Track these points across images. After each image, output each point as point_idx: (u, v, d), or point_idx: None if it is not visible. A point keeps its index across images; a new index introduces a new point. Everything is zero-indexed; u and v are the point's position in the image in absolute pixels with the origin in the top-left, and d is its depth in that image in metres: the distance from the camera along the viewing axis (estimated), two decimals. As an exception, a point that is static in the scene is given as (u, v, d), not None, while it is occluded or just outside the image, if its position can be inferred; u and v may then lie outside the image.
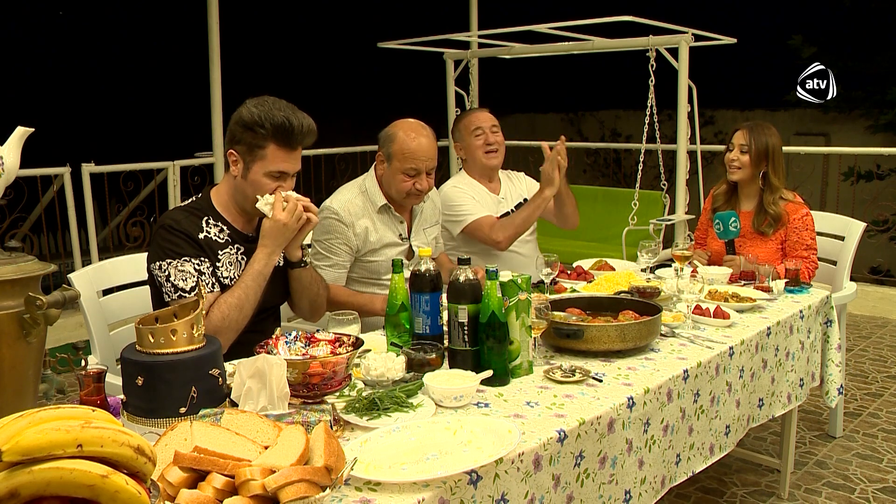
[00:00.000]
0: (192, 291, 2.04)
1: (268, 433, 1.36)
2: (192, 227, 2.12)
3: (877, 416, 3.59)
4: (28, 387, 1.43)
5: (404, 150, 2.59)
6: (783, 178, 3.11)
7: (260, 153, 2.08)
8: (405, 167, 2.59)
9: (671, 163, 5.13)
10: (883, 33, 10.93)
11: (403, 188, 2.62)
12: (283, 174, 2.11)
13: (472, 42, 5.90)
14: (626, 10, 4.44)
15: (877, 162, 9.07)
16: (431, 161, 2.63)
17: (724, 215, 3.01)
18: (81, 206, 5.01)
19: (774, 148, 3.07)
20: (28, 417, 1.06)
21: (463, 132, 3.16)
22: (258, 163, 2.09)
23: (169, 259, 2.06)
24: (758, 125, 3.12)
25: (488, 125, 3.14)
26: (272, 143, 2.07)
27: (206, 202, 2.20)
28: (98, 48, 11.98)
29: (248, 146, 2.09)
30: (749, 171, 3.08)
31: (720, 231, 3.01)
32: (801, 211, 3.08)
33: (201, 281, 2.06)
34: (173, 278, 2.05)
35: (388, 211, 2.70)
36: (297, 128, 2.07)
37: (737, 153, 3.09)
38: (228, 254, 2.16)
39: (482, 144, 3.13)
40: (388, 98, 13.50)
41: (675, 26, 4.66)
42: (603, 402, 1.74)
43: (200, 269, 2.08)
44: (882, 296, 5.34)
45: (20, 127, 1.54)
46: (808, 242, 3.06)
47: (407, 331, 2.02)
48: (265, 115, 2.06)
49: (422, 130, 2.64)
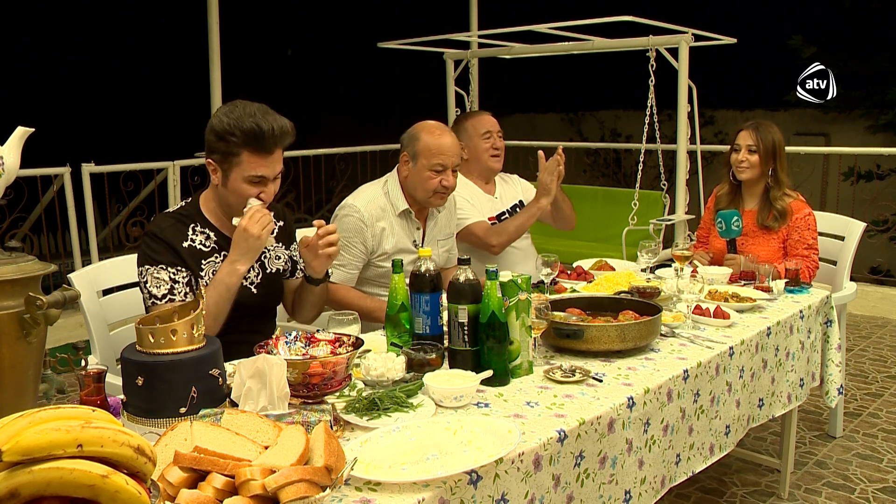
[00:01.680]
0: (162, 299, 2.06)
1: (268, 433, 1.36)
2: (177, 235, 2.13)
3: (877, 416, 3.59)
4: (28, 387, 1.43)
5: (430, 147, 2.63)
6: (788, 173, 3.14)
7: (235, 160, 2.06)
8: (432, 163, 2.62)
9: (671, 163, 5.13)
10: (883, 33, 10.92)
11: (431, 186, 2.64)
12: (262, 178, 2.09)
13: (472, 42, 5.89)
14: (626, 10, 4.44)
15: (877, 162, 9.08)
16: (457, 157, 2.68)
17: (726, 214, 3.02)
18: (81, 206, 5.01)
19: (780, 144, 3.11)
20: (28, 417, 1.06)
21: (471, 133, 3.16)
22: (235, 170, 2.08)
23: (147, 265, 2.10)
24: (761, 124, 3.14)
25: (496, 130, 3.18)
26: (245, 151, 2.05)
27: (195, 208, 2.21)
28: (98, 48, 11.97)
29: (222, 155, 2.08)
30: (758, 171, 3.10)
31: (722, 230, 3.02)
32: (804, 210, 3.10)
33: (174, 290, 2.08)
34: (149, 284, 2.09)
35: (407, 216, 2.72)
36: (267, 132, 2.03)
37: (745, 154, 3.10)
38: (213, 262, 2.17)
39: (490, 148, 3.15)
40: (388, 98, 13.49)
41: (675, 26, 4.66)
42: (603, 402, 1.74)
43: (175, 279, 2.09)
44: (882, 296, 5.34)
45: (20, 127, 1.54)
46: (809, 242, 3.06)
47: (407, 331, 2.02)
48: (234, 124, 2.03)
49: (445, 129, 2.71)
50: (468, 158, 3.19)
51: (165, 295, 2.07)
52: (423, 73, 8.47)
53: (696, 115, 4.90)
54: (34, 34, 11.45)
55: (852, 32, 11.37)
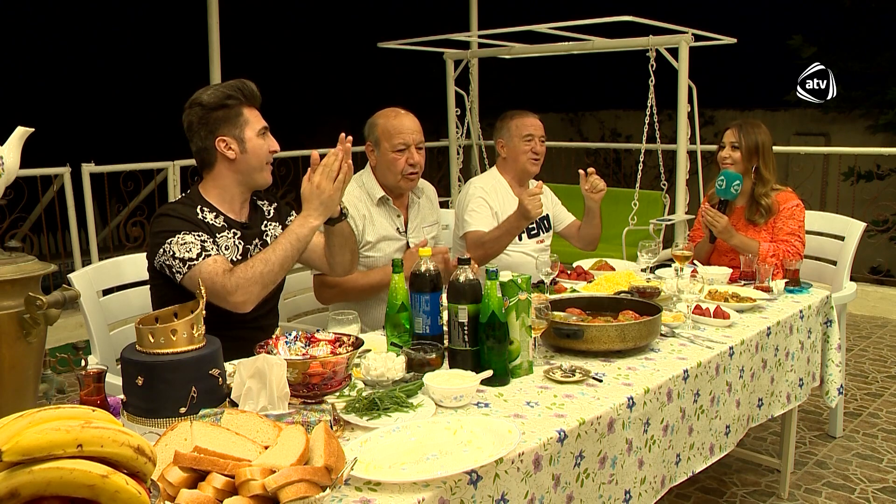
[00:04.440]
0: (199, 258, 2.04)
1: (268, 433, 1.36)
2: (188, 213, 2.16)
3: (877, 416, 3.59)
4: (28, 387, 1.43)
5: (389, 129, 2.67)
6: (773, 171, 3.18)
7: (242, 120, 2.17)
8: (394, 144, 2.65)
9: (671, 163, 5.13)
10: (883, 33, 10.93)
11: (398, 167, 2.66)
12: (266, 128, 2.21)
13: (472, 42, 5.90)
14: (626, 10, 4.45)
15: (877, 162, 9.07)
16: (418, 134, 2.69)
17: (730, 175, 3.08)
18: (81, 206, 5.01)
19: (763, 143, 3.15)
20: (28, 417, 1.06)
21: (513, 133, 3.14)
22: (246, 130, 2.17)
23: (169, 239, 2.08)
24: (747, 122, 3.21)
25: (539, 133, 3.15)
26: (244, 107, 2.18)
27: (197, 195, 2.24)
28: (98, 48, 11.97)
29: (230, 124, 2.16)
30: (741, 167, 3.15)
31: (721, 188, 3.09)
32: (791, 201, 3.14)
33: (205, 247, 2.07)
34: (178, 254, 2.05)
35: (385, 204, 2.74)
36: (248, 86, 2.18)
37: (728, 150, 3.18)
38: (225, 237, 2.19)
39: (529, 151, 3.12)
40: (388, 98, 13.45)
41: (675, 26, 4.66)
42: (603, 402, 1.74)
43: (203, 239, 2.09)
44: (882, 296, 5.34)
45: (20, 127, 1.53)
46: (792, 229, 3.09)
47: (407, 331, 2.02)
48: (223, 89, 2.17)
49: (400, 110, 2.73)
50: (506, 157, 3.17)
51: (200, 253, 2.05)
52: (423, 73, 8.47)
53: (696, 115, 4.90)
54: (34, 34, 11.44)
55: (852, 32, 11.37)
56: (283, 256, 2.06)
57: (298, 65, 13.48)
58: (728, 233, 3.03)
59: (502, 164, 3.21)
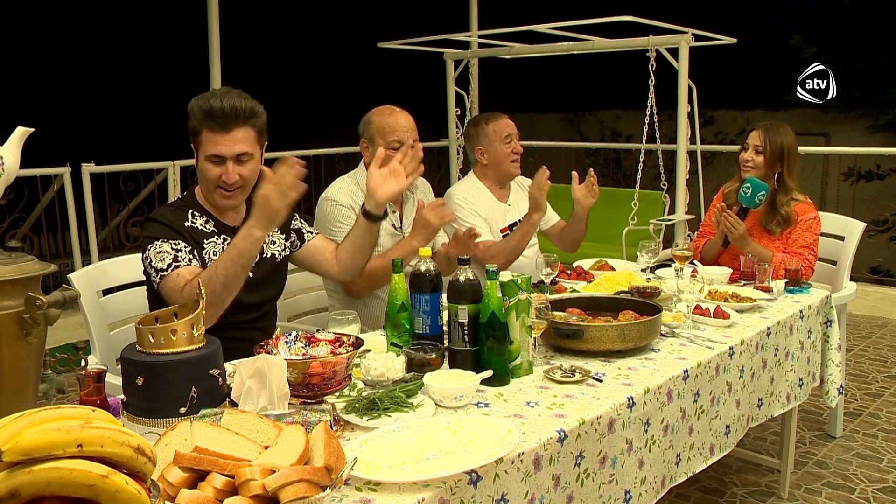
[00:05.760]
0: (168, 269, 2.05)
1: (268, 433, 1.36)
2: (178, 217, 2.17)
3: (877, 416, 3.59)
4: (28, 387, 1.43)
5: (384, 127, 2.68)
6: (797, 179, 3.10)
7: (198, 139, 2.13)
8: (389, 141, 2.65)
9: (671, 163, 5.13)
10: (883, 33, 10.93)
11: None
12: (220, 158, 2.10)
13: (472, 42, 5.90)
14: (626, 10, 4.44)
15: (877, 162, 9.07)
16: (413, 132, 2.70)
17: (757, 184, 2.99)
18: (81, 206, 5.01)
19: (790, 149, 3.07)
20: (28, 417, 1.06)
21: (491, 137, 3.09)
22: (200, 150, 2.15)
23: (150, 245, 2.10)
24: (773, 125, 3.11)
25: (515, 133, 3.11)
26: (204, 129, 2.11)
27: (191, 198, 2.26)
28: (98, 48, 11.98)
29: (192, 135, 2.15)
30: (763, 172, 3.08)
31: (745, 195, 3.00)
32: (810, 213, 3.07)
33: (178, 258, 2.07)
34: (154, 262, 2.08)
35: None
36: (217, 111, 2.06)
37: (751, 153, 3.09)
38: (214, 243, 2.19)
39: (511, 153, 3.09)
40: (388, 98, 13.45)
41: (675, 26, 4.66)
42: (603, 402, 1.74)
43: (178, 248, 2.09)
44: (882, 296, 5.34)
45: (20, 127, 1.53)
46: (807, 242, 3.05)
47: (407, 331, 2.02)
48: (195, 104, 2.11)
49: (395, 108, 2.74)
50: (487, 163, 3.12)
51: (170, 264, 2.05)
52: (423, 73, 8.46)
53: (696, 115, 4.90)
54: (34, 34, 11.45)
55: (852, 32, 11.37)
56: (224, 276, 1.95)
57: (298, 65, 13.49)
58: (744, 241, 2.97)
59: (482, 171, 3.15)
